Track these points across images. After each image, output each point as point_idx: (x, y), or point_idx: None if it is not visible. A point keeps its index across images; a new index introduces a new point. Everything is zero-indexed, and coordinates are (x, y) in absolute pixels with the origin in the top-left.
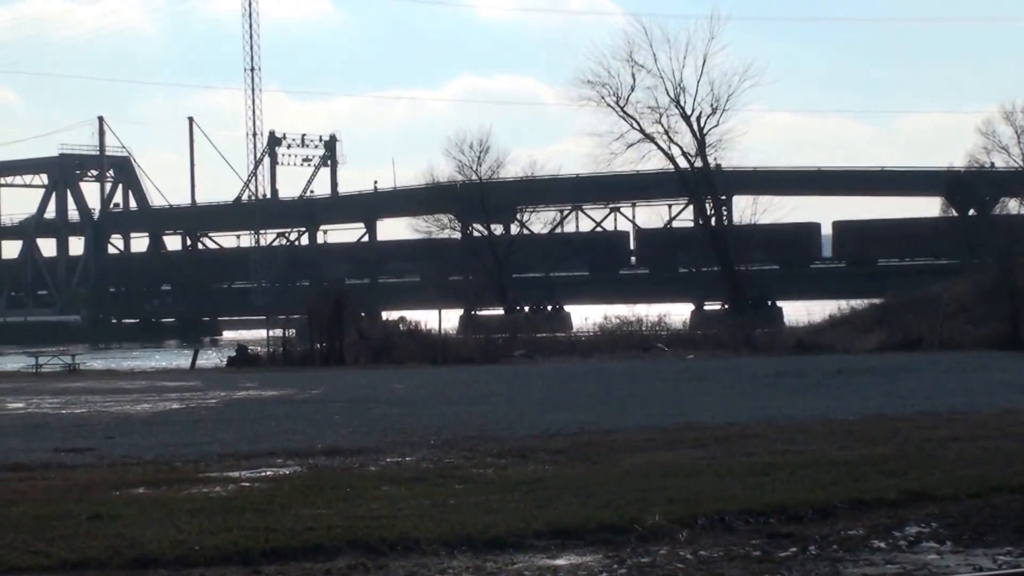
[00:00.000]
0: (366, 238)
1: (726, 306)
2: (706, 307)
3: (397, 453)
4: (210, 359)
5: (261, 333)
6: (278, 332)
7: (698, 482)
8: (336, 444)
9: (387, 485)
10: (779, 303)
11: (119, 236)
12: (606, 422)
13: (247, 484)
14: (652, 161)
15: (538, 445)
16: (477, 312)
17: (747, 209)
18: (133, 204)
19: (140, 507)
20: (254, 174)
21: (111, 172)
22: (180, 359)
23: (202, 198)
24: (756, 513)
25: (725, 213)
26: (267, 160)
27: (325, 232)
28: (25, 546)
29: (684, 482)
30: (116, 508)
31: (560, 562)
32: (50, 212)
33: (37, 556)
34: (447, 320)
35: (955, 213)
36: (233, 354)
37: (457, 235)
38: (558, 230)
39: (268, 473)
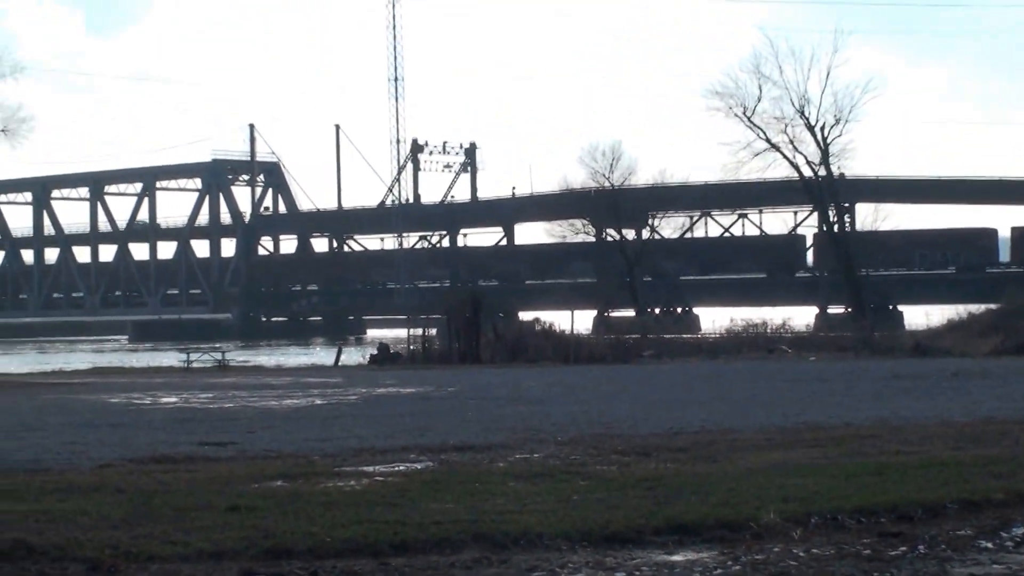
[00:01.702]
0: (504, 242)
1: (849, 310)
2: (829, 310)
3: (525, 449)
4: (353, 356)
5: (404, 332)
6: (419, 331)
7: (813, 481)
8: (467, 440)
9: (514, 481)
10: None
11: (269, 238)
12: (728, 421)
13: (380, 479)
14: (778, 169)
15: (661, 443)
16: (609, 313)
17: (868, 216)
18: (282, 207)
19: (276, 500)
20: (397, 179)
21: (261, 177)
22: (325, 356)
23: (348, 202)
24: (868, 512)
25: (848, 220)
26: (410, 166)
27: (465, 235)
28: (165, 536)
29: (800, 481)
30: (253, 500)
31: (677, 558)
32: (203, 215)
33: (175, 546)
34: (580, 321)
35: None
36: (375, 352)
37: (591, 239)
38: (687, 235)
39: (401, 468)
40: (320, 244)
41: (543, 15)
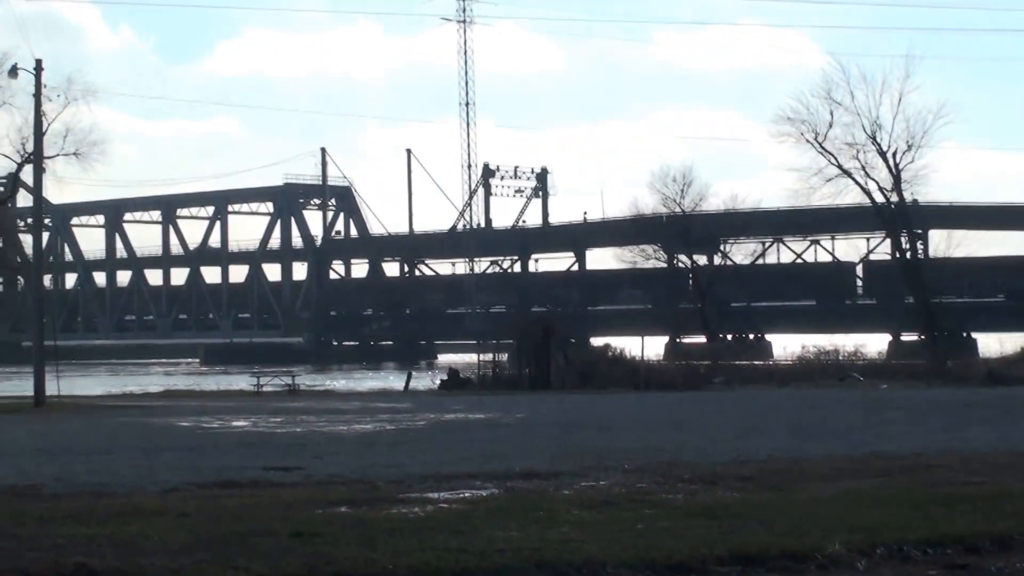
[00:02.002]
0: (576, 267)
1: (922, 337)
2: (903, 338)
3: (592, 477)
4: (423, 382)
5: (474, 357)
6: (489, 356)
7: (880, 511)
8: (534, 467)
9: (578, 509)
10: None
11: (340, 262)
12: (795, 450)
13: (444, 505)
14: (850, 195)
15: (727, 472)
16: (681, 340)
17: (942, 243)
18: (353, 232)
19: (340, 526)
20: (468, 204)
21: (333, 201)
22: (395, 381)
23: (419, 227)
24: (935, 543)
25: (921, 247)
26: (481, 191)
27: (536, 260)
28: (226, 562)
29: (866, 511)
30: (317, 526)
31: None
32: (275, 239)
33: (237, 571)
34: (652, 347)
35: None
36: (445, 377)
37: (662, 265)
38: (759, 261)
39: (466, 495)
40: (391, 268)
41: (614, 40)
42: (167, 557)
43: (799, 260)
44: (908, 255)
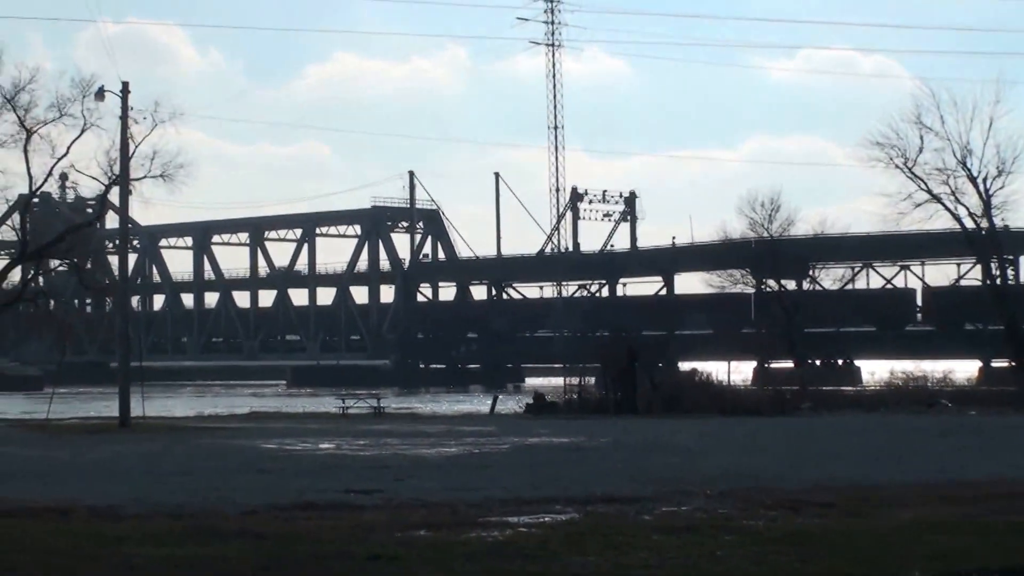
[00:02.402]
0: (664, 291)
1: (1012, 364)
2: (993, 364)
3: (673, 502)
4: (510, 405)
5: (561, 381)
6: (575, 380)
7: (961, 539)
8: (615, 492)
9: (658, 534)
10: None
11: (427, 285)
12: (880, 476)
13: (524, 530)
14: (939, 221)
15: (810, 498)
16: (769, 364)
17: None
18: (441, 255)
19: (417, 549)
20: (556, 228)
21: (420, 224)
22: (481, 404)
23: (506, 250)
24: (1015, 572)
25: (1012, 273)
26: (569, 214)
27: (624, 284)
28: None
29: (947, 539)
30: (394, 549)
31: None
32: (362, 261)
33: None
34: (740, 372)
35: None
36: (531, 401)
37: (750, 289)
38: (848, 287)
39: (546, 519)
40: (479, 291)
41: (702, 64)
42: None
43: (888, 286)
44: (998, 281)
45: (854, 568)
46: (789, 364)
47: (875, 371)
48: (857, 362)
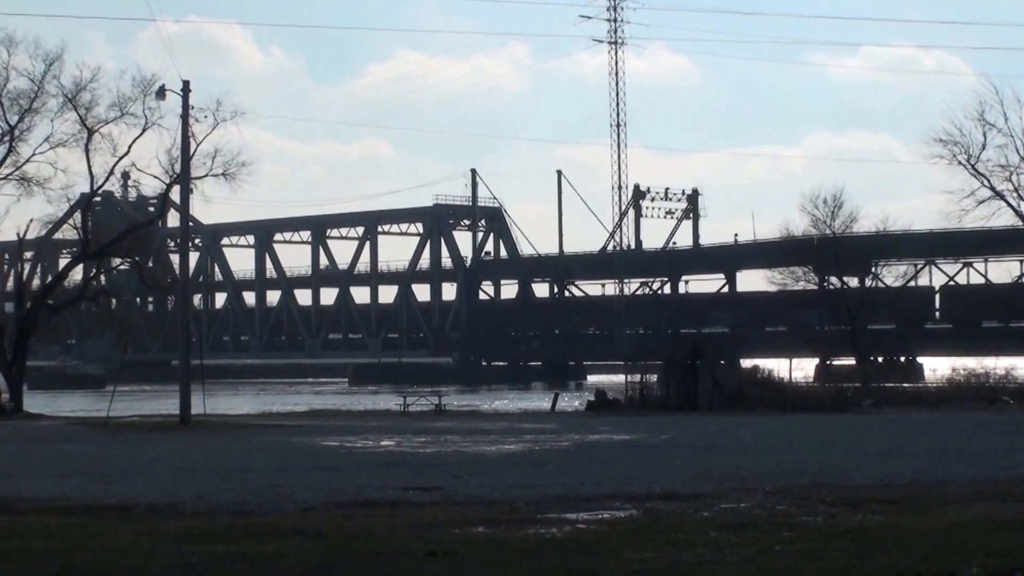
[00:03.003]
0: (726, 288)
1: None
2: None
3: (732, 499)
4: (571, 402)
5: (623, 378)
6: (637, 378)
7: (1019, 536)
8: (674, 489)
9: (717, 531)
10: None
11: (489, 283)
12: (940, 473)
13: (582, 526)
14: (1003, 217)
15: (870, 495)
16: (831, 362)
17: None
18: (503, 252)
19: (476, 546)
20: (619, 225)
21: (483, 222)
22: (542, 402)
23: (568, 247)
24: None
25: None
26: (631, 212)
27: (687, 282)
28: None
29: (1006, 536)
30: (452, 547)
31: None
32: (424, 259)
33: None
34: (802, 369)
35: None
36: (592, 398)
37: (812, 287)
38: (911, 284)
39: (604, 516)
40: (541, 289)
41: (764, 61)
42: None
43: (952, 283)
44: None
45: (912, 564)
46: (851, 361)
47: (937, 368)
48: (920, 359)
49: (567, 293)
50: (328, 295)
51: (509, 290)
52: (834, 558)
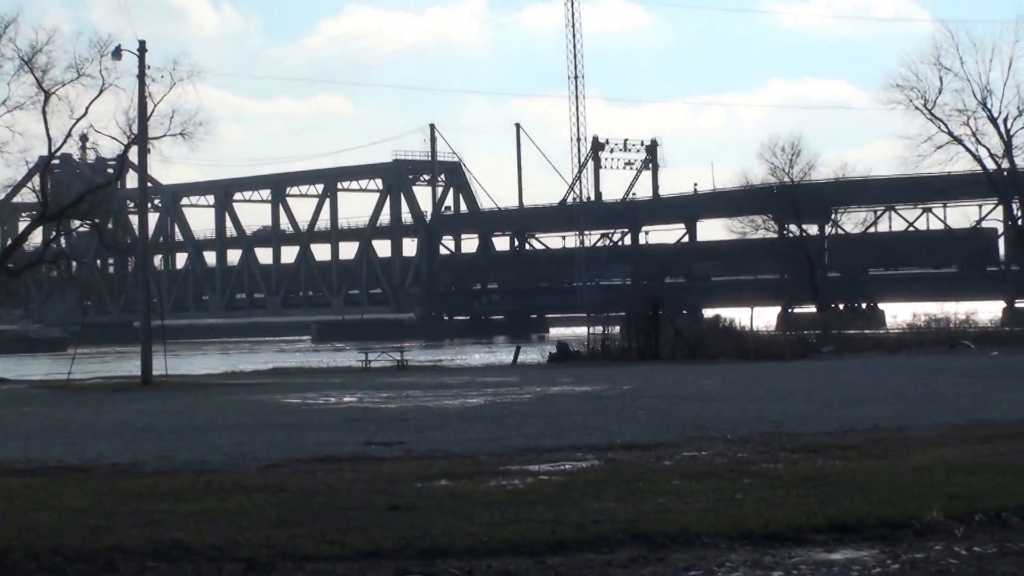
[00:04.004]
0: (686, 238)
1: None
2: (1017, 304)
3: (693, 447)
4: (533, 355)
5: (586, 330)
6: (599, 329)
7: (980, 479)
8: (635, 439)
9: (678, 479)
10: None
11: (450, 237)
12: (901, 418)
13: (544, 478)
14: (961, 163)
15: (831, 441)
16: (793, 310)
17: None
18: (463, 207)
19: (438, 499)
20: (578, 177)
21: (442, 177)
22: (505, 355)
23: (528, 201)
24: None
25: None
26: (591, 164)
27: (647, 232)
28: (322, 536)
29: (966, 479)
30: (414, 500)
31: (836, 556)
32: (384, 215)
33: (332, 546)
34: (764, 318)
35: None
36: (554, 351)
37: (773, 235)
38: (870, 230)
39: (566, 467)
40: (501, 243)
41: (720, 11)
42: (263, 532)
43: (911, 228)
44: (1020, 221)
45: (873, 508)
46: (812, 309)
47: (897, 314)
48: (882, 305)
49: (528, 246)
50: (289, 253)
51: (470, 244)
52: (795, 504)
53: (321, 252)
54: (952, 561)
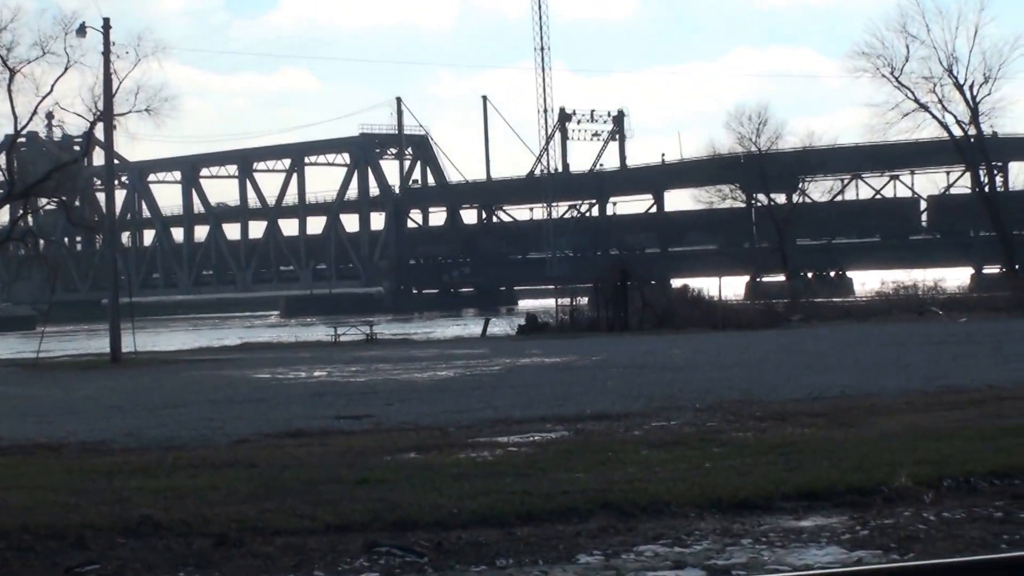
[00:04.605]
0: (654, 209)
1: (1003, 269)
2: (984, 271)
3: (662, 417)
4: (502, 327)
5: (554, 302)
6: (567, 301)
7: (948, 444)
8: (605, 409)
9: (647, 449)
10: None
11: (418, 211)
12: (869, 385)
13: (513, 449)
14: (928, 130)
15: (799, 409)
16: (761, 279)
17: (1022, 174)
18: (431, 180)
19: (407, 472)
20: (546, 149)
21: (409, 150)
22: (474, 328)
23: (496, 173)
24: (1002, 475)
25: (1001, 179)
26: (558, 135)
27: (615, 204)
28: (292, 510)
29: (935, 444)
30: (384, 473)
31: (805, 523)
32: (351, 190)
33: (302, 519)
34: (732, 287)
35: None
36: (523, 322)
37: (741, 204)
38: (838, 199)
39: (536, 438)
40: (469, 216)
41: None
42: (232, 507)
43: (878, 196)
44: (988, 188)
45: (842, 475)
46: (781, 278)
47: (866, 282)
48: (850, 273)
49: (496, 219)
50: (257, 228)
51: (438, 218)
52: (764, 472)
53: (289, 227)
54: (921, 526)
